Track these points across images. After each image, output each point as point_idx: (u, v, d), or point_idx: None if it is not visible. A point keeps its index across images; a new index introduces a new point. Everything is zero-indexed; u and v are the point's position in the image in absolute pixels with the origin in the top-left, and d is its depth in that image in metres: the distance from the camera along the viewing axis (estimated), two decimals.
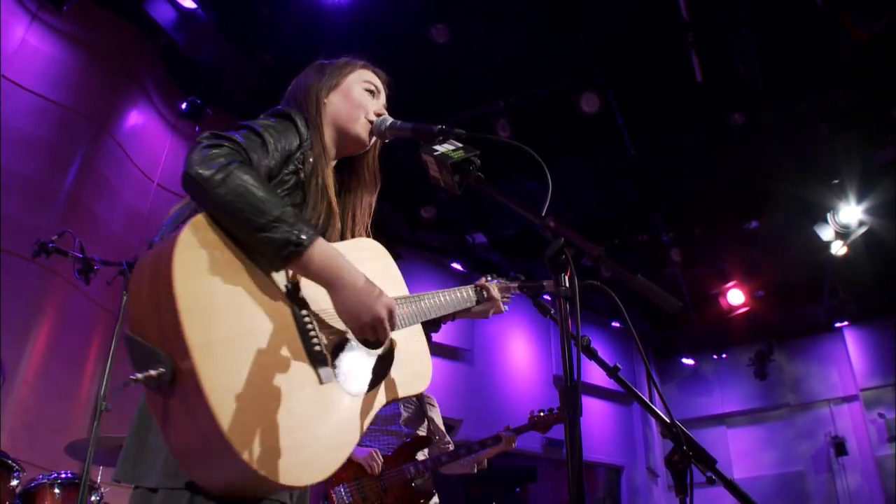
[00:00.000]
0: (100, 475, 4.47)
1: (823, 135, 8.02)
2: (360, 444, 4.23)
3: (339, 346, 1.78)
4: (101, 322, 6.10)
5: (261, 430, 1.45)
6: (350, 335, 1.81)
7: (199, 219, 1.58)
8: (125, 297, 3.75)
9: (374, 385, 1.83)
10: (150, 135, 7.09)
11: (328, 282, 1.67)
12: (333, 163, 2.14)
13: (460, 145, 1.87)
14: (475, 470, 4.64)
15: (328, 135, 2.08)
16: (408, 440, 4.32)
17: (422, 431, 4.48)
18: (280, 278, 1.69)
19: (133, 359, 1.52)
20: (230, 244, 1.60)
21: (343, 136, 2.10)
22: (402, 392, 1.93)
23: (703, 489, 1.88)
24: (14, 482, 3.87)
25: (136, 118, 6.87)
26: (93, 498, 3.97)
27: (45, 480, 3.88)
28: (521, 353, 11.10)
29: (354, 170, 2.21)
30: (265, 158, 1.77)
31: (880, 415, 11.72)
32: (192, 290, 1.46)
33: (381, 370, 1.88)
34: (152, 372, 1.43)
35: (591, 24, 6.81)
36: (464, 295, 2.45)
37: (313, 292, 1.73)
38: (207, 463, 1.48)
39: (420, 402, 4.59)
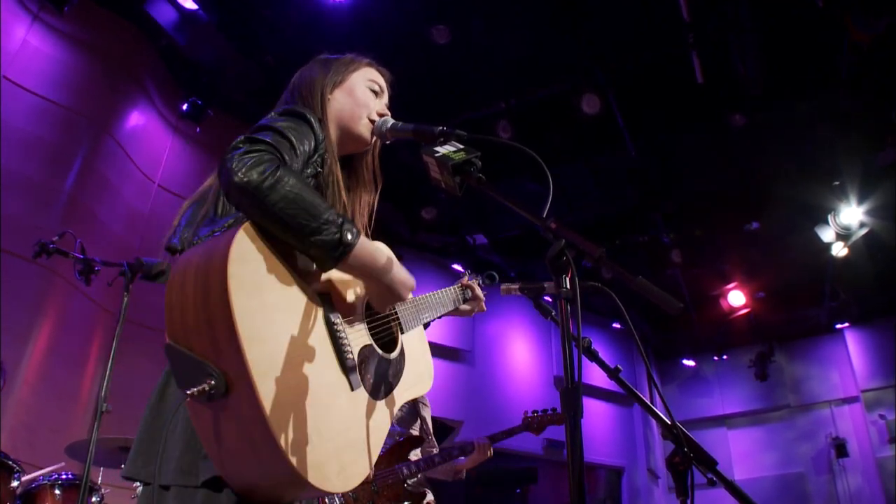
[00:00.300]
0: (100, 476, 4.47)
1: (824, 136, 8.02)
2: None
3: (363, 352, 1.81)
4: (102, 323, 6.10)
5: (308, 440, 1.50)
6: (373, 342, 1.85)
7: (248, 228, 1.56)
8: (126, 299, 3.75)
9: (392, 388, 1.88)
10: (151, 135, 7.09)
11: (370, 275, 1.73)
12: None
13: (461, 147, 1.86)
14: (451, 479, 4.59)
15: (332, 132, 2.06)
16: (400, 439, 4.30)
17: (414, 431, 4.45)
18: (313, 284, 1.70)
19: (175, 368, 1.54)
20: (275, 253, 1.61)
21: (345, 134, 2.10)
22: (412, 393, 1.97)
23: (703, 490, 1.88)
24: (14, 483, 3.88)
25: (136, 119, 6.88)
26: (93, 499, 3.98)
27: (46, 482, 3.89)
28: (521, 355, 11.10)
29: (353, 168, 2.19)
30: (294, 161, 1.76)
31: (881, 416, 11.72)
32: (248, 307, 1.46)
33: (397, 373, 1.92)
34: (205, 386, 1.44)
35: (591, 25, 6.81)
36: (452, 294, 2.49)
37: (341, 296, 1.79)
38: (254, 471, 1.50)
39: (414, 401, 4.56)
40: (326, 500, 4.00)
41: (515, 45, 7.09)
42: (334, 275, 1.75)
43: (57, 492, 3.89)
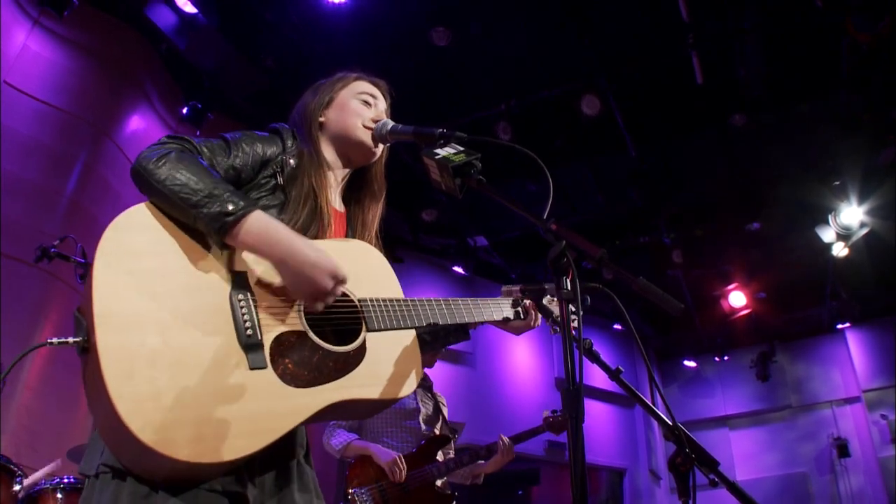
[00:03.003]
0: None
1: (824, 136, 8.02)
2: (376, 439, 4.21)
3: (289, 337, 1.75)
4: None
5: (158, 403, 1.48)
6: (307, 328, 1.78)
7: (142, 204, 1.68)
8: None
9: (327, 381, 1.76)
10: (152, 139, 6.93)
11: (268, 251, 1.68)
12: (343, 173, 2.17)
13: (461, 148, 1.86)
14: (469, 482, 4.55)
15: (331, 149, 2.13)
16: (422, 441, 4.26)
17: (435, 430, 4.43)
18: (227, 264, 1.72)
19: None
20: (171, 228, 1.68)
21: (346, 146, 2.14)
22: (364, 394, 1.83)
23: (705, 492, 1.88)
24: (16, 487, 3.88)
25: (137, 123, 6.87)
26: None
27: (48, 486, 3.88)
28: (522, 356, 11.09)
29: (364, 181, 2.23)
30: (224, 158, 1.86)
31: (883, 416, 11.71)
32: (110, 264, 1.56)
33: (343, 368, 1.81)
34: (69, 339, 1.55)
35: (591, 26, 6.81)
36: (488, 306, 2.18)
37: (273, 284, 1.76)
38: (113, 436, 1.52)
39: (435, 399, 4.56)
40: (356, 499, 3.99)
41: (515, 47, 7.09)
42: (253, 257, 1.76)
43: (59, 495, 3.88)
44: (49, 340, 1.55)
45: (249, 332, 1.65)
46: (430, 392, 4.59)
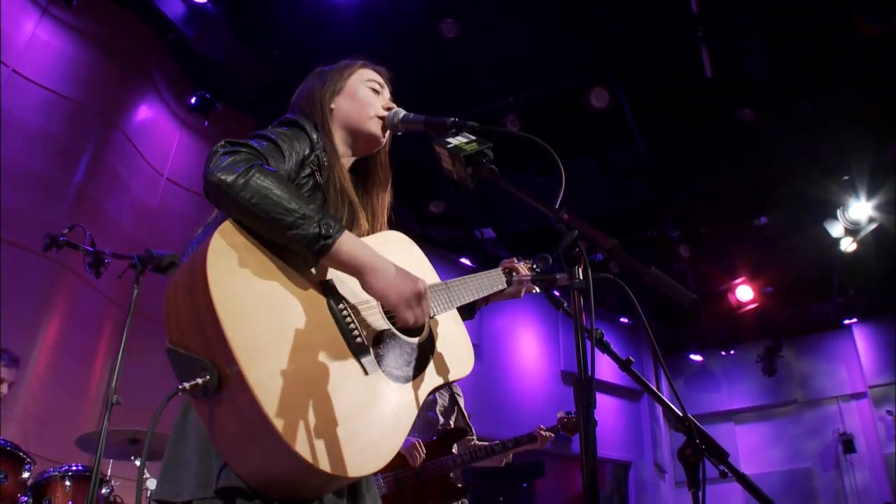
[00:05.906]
0: (110, 468, 4.49)
1: (833, 131, 7.98)
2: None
3: (380, 336, 1.80)
4: (112, 316, 6.12)
5: (312, 424, 1.48)
6: (391, 326, 1.83)
7: (227, 225, 1.60)
8: (136, 291, 3.75)
9: (418, 372, 1.86)
10: (160, 129, 7.10)
11: (358, 269, 1.70)
12: (349, 162, 2.15)
13: (473, 138, 1.85)
14: (503, 463, 4.60)
15: (339, 138, 2.10)
16: (439, 432, 4.26)
17: (451, 422, 4.45)
18: (314, 275, 1.72)
19: (176, 370, 1.55)
20: (259, 246, 1.63)
21: (356, 136, 2.12)
22: (447, 377, 1.95)
23: (712, 486, 1.86)
24: (25, 474, 3.90)
25: (145, 112, 6.89)
26: (103, 490, 3.99)
27: (56, 473, 3.91)
28: (529, 349, 11.09)
29: (368, 169, 2.22)
30: (281, 163, 1.80)
31: (888, 412, 11.68)
32: (228, 295, 1.49)
33: (424, 357, 1.90)
34: (199, 380, 1.46)
35: (600, 20, 6.78)
36: (492, 277, 2.41)
37: (350, 287, 1.77)
38: (263, 462, 1.49)
39: (451, 391, 4.56)
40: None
41: (523, 40, 7.07)
42: None
43: (67, 483, 3.90)
44: (180, 387, 1.47)
45: (358, 339, 1.70)
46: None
